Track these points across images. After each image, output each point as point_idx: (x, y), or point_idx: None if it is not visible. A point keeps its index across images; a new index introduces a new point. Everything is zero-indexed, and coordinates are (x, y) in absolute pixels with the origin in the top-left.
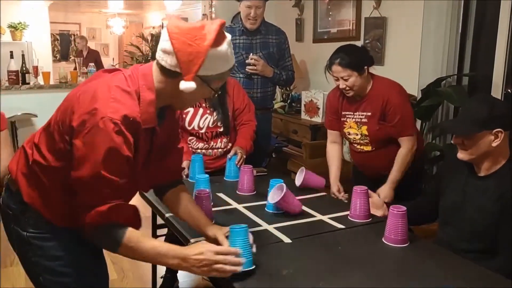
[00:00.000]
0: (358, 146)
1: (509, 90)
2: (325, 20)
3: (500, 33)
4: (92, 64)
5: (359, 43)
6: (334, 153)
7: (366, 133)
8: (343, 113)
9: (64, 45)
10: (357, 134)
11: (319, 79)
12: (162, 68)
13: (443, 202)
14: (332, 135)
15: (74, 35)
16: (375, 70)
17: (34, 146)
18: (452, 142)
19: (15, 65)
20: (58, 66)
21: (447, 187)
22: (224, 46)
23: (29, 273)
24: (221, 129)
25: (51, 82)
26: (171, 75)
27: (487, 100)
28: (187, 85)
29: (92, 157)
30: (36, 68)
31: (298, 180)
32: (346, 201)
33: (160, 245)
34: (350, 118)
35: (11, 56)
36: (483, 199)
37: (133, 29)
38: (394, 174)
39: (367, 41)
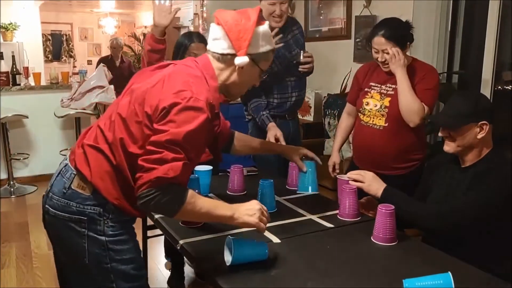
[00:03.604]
0: (370, 120)
1: (499, 87)
2: (316, 19)
3: (489, 31)
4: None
5: (350, 42)
6: (346, 123)
7: (387, 104)
8: (370, 83)
9: (56, 45)
10: (376, 105)
11: (310, 78)
12: (216, 56)
13: (430, 198)
14: (349, 107)
15: (66, 35)
16: None
17: (114, 147)
18: (439, 134)
19: (5, 66)
20: (50, 66)
21: (434, 183)
22: (265, 26)
23: (95, 281)
24: None
25: (42, 83)
26: (225, 60)
27: (472, 94)
28: (241, 60)
29: (180, 127)
30: (26, 69)
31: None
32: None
33: (211, 199)
34: (375, 89)
35: (1, 57)
36: (464, 190)
37: (125, 28)
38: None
39: (358, 40)
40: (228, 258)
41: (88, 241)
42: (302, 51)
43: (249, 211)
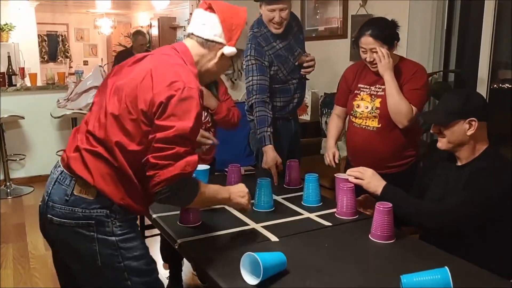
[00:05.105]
0: (363, 122)
1: (495, 86)
2: (312, 18)
3: (484, 30)
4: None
5: (347, 41)
6: (336, 123)
7: (378, 106)
8: (358, 85)
9: (52, 46)
10: (367, 107)
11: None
12: (201, 41)
13: (427, 196)
14: (338, 109)
15: (61, 35)
16: None
17: (110, 149)
18: (431, 131)
19: (1, 67)
20: (46, 67)
21: (431, 180)
22: (246, 27)
23: (110, 282)
24: (210, 124)
25: (38, 83)
26: (210, 46)
27: (462, 92)
28: (231, 49)
29: (183, 120)
30: (22, 70)
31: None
32: (334, 166)
33: (212, 185)
34: (365, 91)
35: None
36: (460, 188)
37: (121, 29)
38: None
39: (354, 39)
40: (250, 278)
41: (98, 243)
42: (304, 54)
43: (240, 193)
